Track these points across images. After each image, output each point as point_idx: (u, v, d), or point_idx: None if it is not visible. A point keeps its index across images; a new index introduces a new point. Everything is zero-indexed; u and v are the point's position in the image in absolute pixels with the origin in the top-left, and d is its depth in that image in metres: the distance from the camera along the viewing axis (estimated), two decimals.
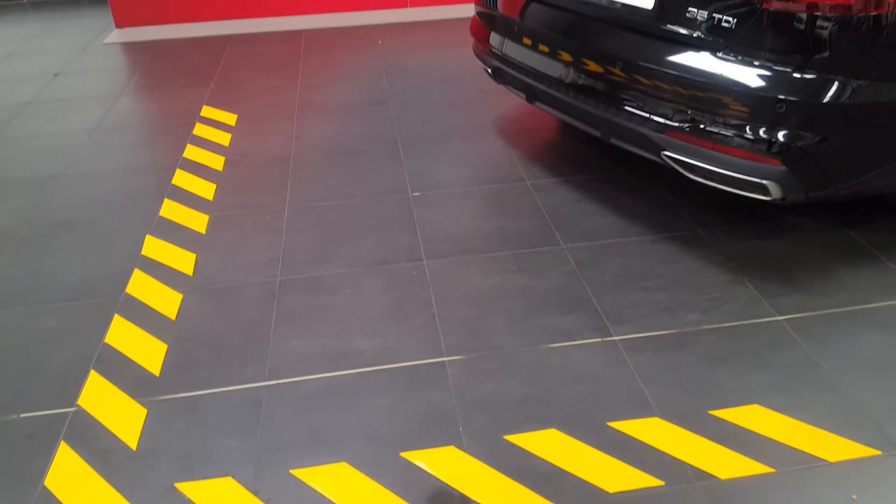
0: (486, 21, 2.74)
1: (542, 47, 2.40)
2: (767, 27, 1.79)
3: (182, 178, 2.85)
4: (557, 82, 2.35)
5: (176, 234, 2.48)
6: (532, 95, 2.57)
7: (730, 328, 1.93)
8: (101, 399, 1.78)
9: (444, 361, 1.86)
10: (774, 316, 1.97)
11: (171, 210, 2.63)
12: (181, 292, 2.17)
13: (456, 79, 3.78)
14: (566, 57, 2.30)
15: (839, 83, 1.75)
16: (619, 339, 1.91)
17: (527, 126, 3.21)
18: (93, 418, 1.72)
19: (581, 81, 2.26)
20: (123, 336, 2.00)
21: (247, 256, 2.34)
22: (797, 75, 1.77)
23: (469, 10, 2.94)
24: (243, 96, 3.66)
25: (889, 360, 1.81)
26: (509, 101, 3.42)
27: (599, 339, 1.91)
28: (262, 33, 4.65)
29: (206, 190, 2.76)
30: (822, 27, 1.71)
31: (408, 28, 4.72)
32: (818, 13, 1.70)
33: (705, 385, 1.75)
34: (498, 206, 2.60)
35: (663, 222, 2.42)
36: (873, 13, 1.68)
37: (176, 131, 3.28)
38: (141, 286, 2.21)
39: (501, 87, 2.86)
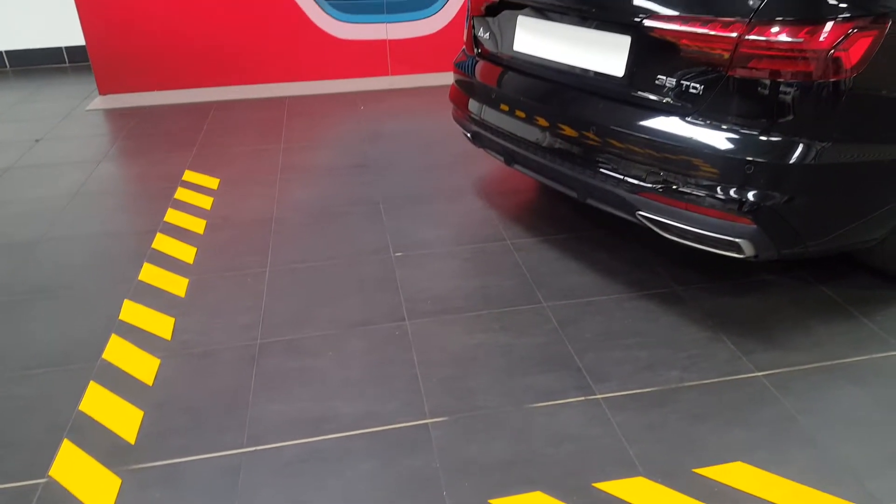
0: (465, 88, 2.83)
1: (519, 113, 2.48)
2: (733, 93, 1.87)
3: (162, 242, 2.84)
4: (535, 146, 2.42)
5: (155, 298, 2.46)
6: (510, 158, 2.64)
7: (710, 385, 1.95)
8: (74, 469, 1.72)
9: (427, 424, 1.84)
10: (753, 372, 1.99)
11: (150, 274, 2.61)
12: (159, 357, 2.14)
13: (436, 142, 3.87)
14: (542, 122, 2.37)
15: (804, 145, 1.83)
16: (602, 398, 1.91)
17: (506, 187, 3.28)
18: (64, 489, 1.67)
19: (557, 145, 2.33)
20: (98, 403, 1.95)
21: (226, 320, 2.32)
22: (764, 138, 1.85)
23: (448, 78, 3.04)
24: (226, 160, 3.70)
25: (867, 415, 1.82)
26: (489, 164, 3.50)
27: (583, 398, 1.91)
28: (245, 100, 4.74)
29: (186, 253, 2.75)
30: (785, 92, 1.80)
31: (389, 94, 4.85)
32: (781, 79, 1.79)
33: (688, 443, 1.75)
34: (479, 265, 2.62)
35: (642, 280, 2.46)
36: (832, 79, 1.77)
37: (157, 195, 3.29)
38: (118, 352, 2.18)
39: (481, 151, 2.93)
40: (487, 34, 2.69)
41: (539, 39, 2.42)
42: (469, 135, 2.88)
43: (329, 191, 3.31)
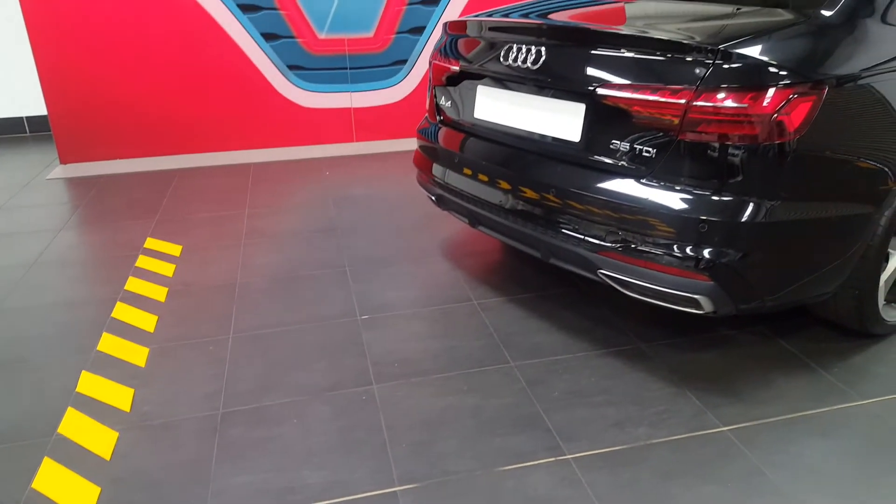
0: (429, 154, 2.90)
1: (482, 176, 2.54)
2: (685, 156, 1.96)
3: (122, 311, 2.78)
4: (498, 208, 2.47)
5: (114, 368, 2.39)
6: (475, 220, 2.68)
7: (678, 441, 1.95)
8: None
9: (396, 491, 1.80)
10: (719, 427, 2.00)
11: (109, 344, 2.54)
12: (117, 430, 2.06)
13: (401, 206, 3.92)
14: (504, 185, 2.44)
15: (754, 204, 1.91)
16: (573, 458, 1.89)
17: (471, 248, 3.32)
18: None
19: (519, 207, 2.39)
20: (53, 480, 1.86)
21: (188, 389, 2.26)
22: (716, 198, 1.93)
23: (412, 144, 3.11)
24: (189, 227, 3.68)
25: (830, 466, 1.85)
26: (454, 226, 3.55)
27: (553, 459, 1.89)
28: (209, 167, 4.76)
29: (147, 322, 2.70)
30: (733, 155, 1.89)
31: (354, 160, 4.92)
32: (728, 143, 1.88)
33: (660, 500, 1.74)
34: (447, 326, 2.62)
35: (607, 337, 2.48)
36: (777, 141, 1.87)
37: (118, 264, 3.24)
38: (74, 425, 2.09)
39: (446, 213, 2.98)
40: (449, 102, 2.78)
41: (499, 107, 2.51)
42: (434, 198, 2.93)
43: (294, 255, 3.31)
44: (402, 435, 2.01)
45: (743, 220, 1.90)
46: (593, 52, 2.17)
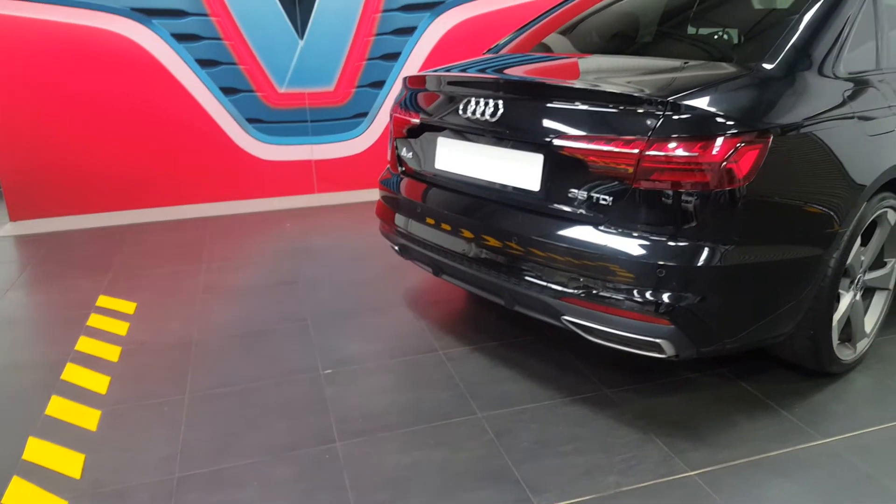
0: (391, 204, 2.91)
1: (444, 226, 2.55)
2: (640, 203, 2.00)
3: (73, 373, 2.67)
4: (461, 257, 2.48)
5: (63, 433, 2.28)
6: (438, 269, 2.68)
7: (647, 487, 1.94)
8: None
9: None
10: (686, 471, 2.00)
11: (58, 408, 2.43)
12: (66, 499, 1.95)
13: (364, 257, 3.90)
14: (467, 234, 2.45)
15: (709, 249, 1.95)
16: None
17: (436, 297, 3.31)
18: None
19: (483, 255, 2.40)
20: None
21: (141, 453, 2.16)
22: (672, 243, 1.97)
23: (374, 195, 3.12)
24: (143, 284, 3.59)
25: None
26: (417, 275, 3.54)
27: None
28: (165, 222, 4.68)
29: (98, 383, 2.59)
30: (686, 201, 1.94)
31: (315, 212, 4.91)
32: (681, 190, 1.94)
33: None
34: (412, 378, 2.59)
35: (573, 385, 2.48)
36: (727, 188, 1.93)
37: (68, 323, 3.13)
38: (19, 496, 1.97)
39: (409, 263, 2.97)
40: (410, 154, 2.81)
41: (460, 158, 2.54)
42: (397, 248, 2.92)
43: (253, 310, 3.24)
44: (367, 495, 1.95)
45: (699, 264, 1.94)
46: (549, 104, 2.23)
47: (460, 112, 2.46)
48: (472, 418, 2.29)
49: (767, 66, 2.16)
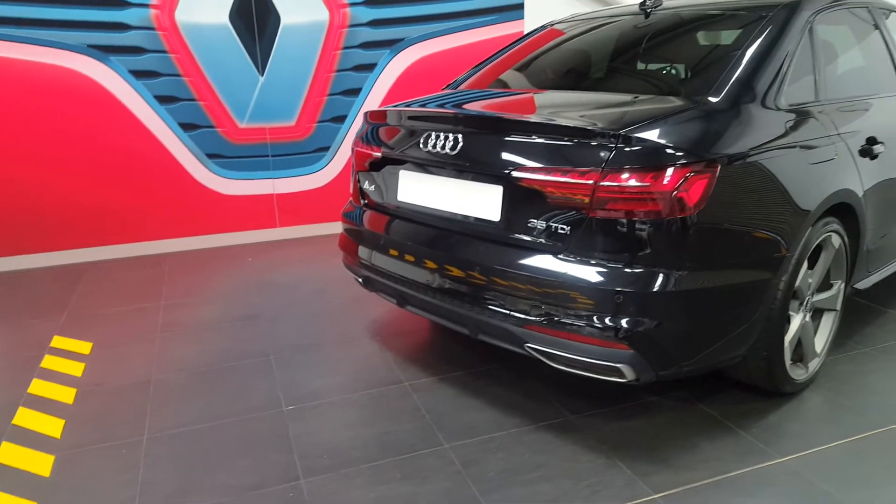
0: (354, 236, 2.93)
1: (408, 257, 2.58)
2: (597, 231, 2.07)
3: (25, 417, 2.58)
4: (425, 287, 2.50)
5: (13, 481, 2.19)
6: (402, 300, 2.70)
7: None
8: None
9: None
10: (651, 495, 2.03)
11: (9, 454, 2.34)
12: None
13: (327, 289, 3.89)
14: (431, 264, 2.48)
15: (664, 275, 2.02)
16: None
17: (400, 328, 3.31)
18: None
19: (446, 285, 2.43)
20: None
21: (98, 499, 2.09)
22: (628, 270, 2.03)
23: (337, 227, 3.13)
24: (100, 323, 3.50)
25: None
26: (381, 307, 3.54)
27: None
28: (123, 259, 4.60)
29: (52, 427, 2.51)
30: (640, 229, 2.01)
31: (278, 246, 4.88)
32: (635, 218, 2.01)
33: None
34: (377, 411, 2.57)
35: (537, 412, 2.50)
36: (679, 216, 2.00)
37: (21, 365, 3.03)
38: None
39: (373, 295, 2.97)
40: (373, 186, 2.84)
41: (422, 190, 2.58)
42: (361, 280, 2.93)
43: (214, 346, 3.19)
44: None
45: (655, 289, 2.00)
46: (507, 138, 2.29)
47: (421, 146, 2.51)
48: (439, 449, 2.29)
49: (713, 100, 2.27)
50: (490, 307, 2.27)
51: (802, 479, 2.09)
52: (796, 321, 2.47)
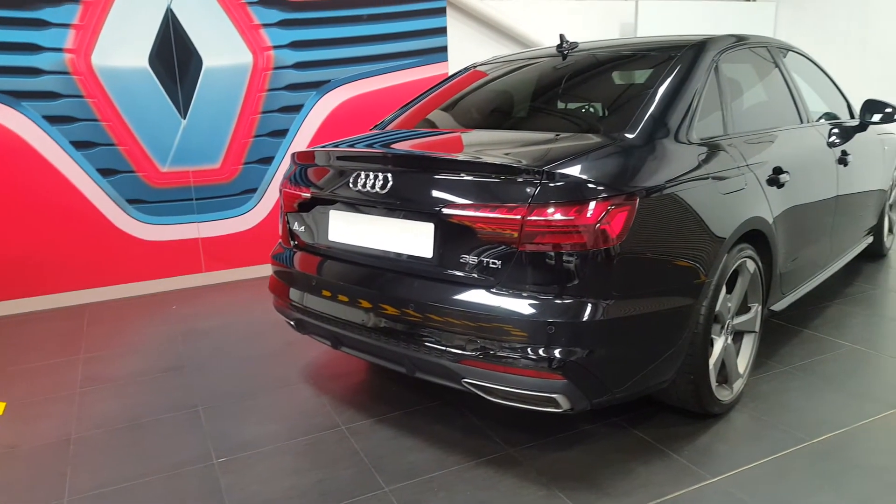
0: (285, 278, 2.88)
1: (341, 297, 2.55)
2: (527, 265, 2.11)
3: None
4: (359, 327, 2.48)
5: None
6: (337, 341, 2.66)
7: None
8: None
9: None
10: None
11: None
12: None
13: (258, 334, 3.78)
14: (365, 304, 2.46)
15: (592, 304, 2.08)
16: None
17: (335, 371, 3.25)
18: None
19: (381, 324, 2.41)
20: None
21: None
22: (558, 301, 2.08)
23: (266, 270, 3.07)
24: (13, 381, 3.28)
25: None
26: (315, 349, 3.47)
27: None
28: (38, 311, 4.35)
29: None
30: (568, 261, 2.07)
31: (204, 291, 4.73)
32: (562, 251, 2.07)
33: None
34: (314, 458, 2.50)
35: (477, 447, 2.49)
36: (603, 247, 2.07)
37: None
38: None
39: (306, 338, 2.92)
40: (303, 227, 2.81)
41: (353, 229, 2.58)
42: (293, 323, 2.87)
43: (139, 399, 3.04)
44: None
45: (584, 319, 2.06)
46: (436, 176, 2.33)
47: (351, 185, 2.51)
48: (379, 493, 2.25)
49: (629, 136, 2.39)
50: (426, 344, 2.27)
51: (735, 498, 2.16)
52: (719, 344, 2.57)
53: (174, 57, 4.60)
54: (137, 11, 4.45)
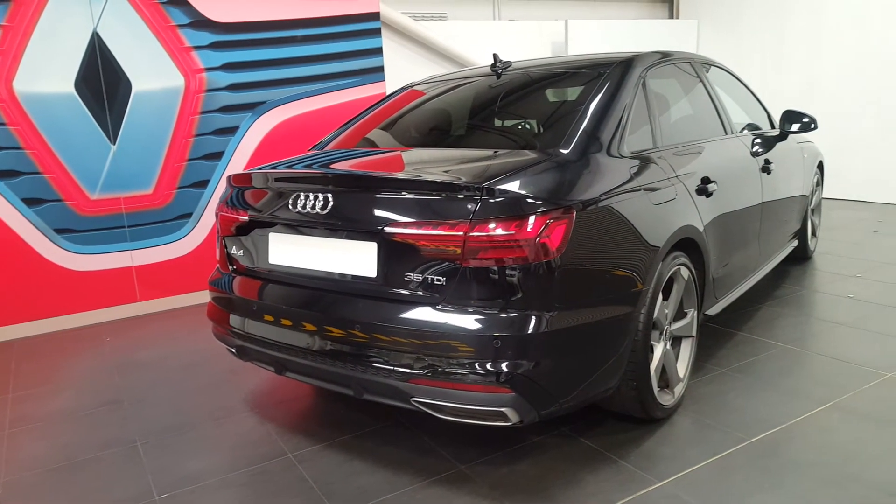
0: (224, 304, 2.80)
1: (284, 321, 2.50)
2: (471, 280, 2.13)
3: None
4: (304, 351, 2.43)
5: None
6: (281, 367, 2.60)
7: None
8: None
9: None
10: None
11: None
12: None
13: (198, 363, 3.67)
14: (309, 327, 2.42)
15: (535, 317, 2.11)
16: None
17: (280, 397, 3.18)
18: None
19: (327, 347, 2.38)
20: None
21: None
22: (503, 315, 2.10)
23: (205, 297, 2.99)
24: None
25: None
26: (259, 376, 3.39)
27: None
28: None
29: None
30: (510, 275, 2.10)
31: (140, 321, 4.57)
32: (505, 265, 2.09)
33: None
34: (261, 489, 2.43)
35: (429, 466, 2.48)
36: (544, 260, 2.11)
37: None
38: None
39: (248, 365, 2.85)
40: (241, 251, 2.75)
41: (294, 251, 2.54)
42: (234, 350, 2.80)
43: (73, 438, 2.90)
44: None
45: (529, 332, 2.09)
46: (377, 195, 2.33)
47: (290, 207, 2.48)
48: None
49: (564, 151, 2.45)
50: (373, 364, 2.25)
51: (681, 500, 2.21)
52: (659, 350, 2.65)
53: (102, 81, 4.46)
54: (61, 35, 4.30)
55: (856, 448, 2.45)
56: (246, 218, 2.68)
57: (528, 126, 3.12)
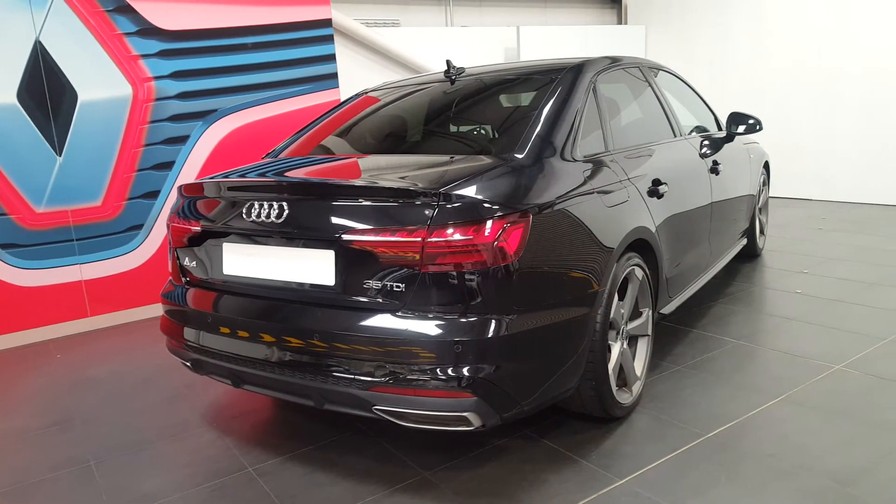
0: (178, 317, 2.74)
1: (241, 333, 2.46)
2: (430, 286, 2.13)
3: None
4: (262, 362, 2.39)
5: None
6: (238, 380, 2.55)
7: None
8: None
9: None
10: None
11: None
12: None
13: (152, 379, 3.57)
14: (267, 338, 2.38)
15: (495, 321, 2.12)
16: None
17: (238, 410, 3.12)
18: None
19: (286, 357, 2.34)
20: None
21: None
22: (463, 320, 2.11)
23: (158, 310, 2.92)
24: None
25: None
26: (216, 390, 3.32)
27: None
28: None
29: None
30: (469, 280, 2.11)
31: (91, 337, 4.42)
32: (464, 270, 2.10)
33: None
34: None
35: (393, 474, 2.46)
36: (502, 264, 2.13)
37: None
38: None
39: (205, 378, 2.79)
40: (195, 263, 2.69)
41: (249, 261, 2.50)
42: (189, 363, 2.73)
43: (22, 459, 2.79)
44: None
45: (489, 335, 2.10)
46: (334, 202, 2.31)
47: (245, 216, 2.44)
48: None
49: (519, 156, 2.47)
50: (334, 374, 2.23)
51: (642, 497, 2.25)
52: (616, 349, 2.69)
53: (46, 91, 4.32)
54: (1, 44, 4.15)
55: (808, 439, 2.54)
56: (198, 228, 2.62)
57: (483, 131, 3.14)
